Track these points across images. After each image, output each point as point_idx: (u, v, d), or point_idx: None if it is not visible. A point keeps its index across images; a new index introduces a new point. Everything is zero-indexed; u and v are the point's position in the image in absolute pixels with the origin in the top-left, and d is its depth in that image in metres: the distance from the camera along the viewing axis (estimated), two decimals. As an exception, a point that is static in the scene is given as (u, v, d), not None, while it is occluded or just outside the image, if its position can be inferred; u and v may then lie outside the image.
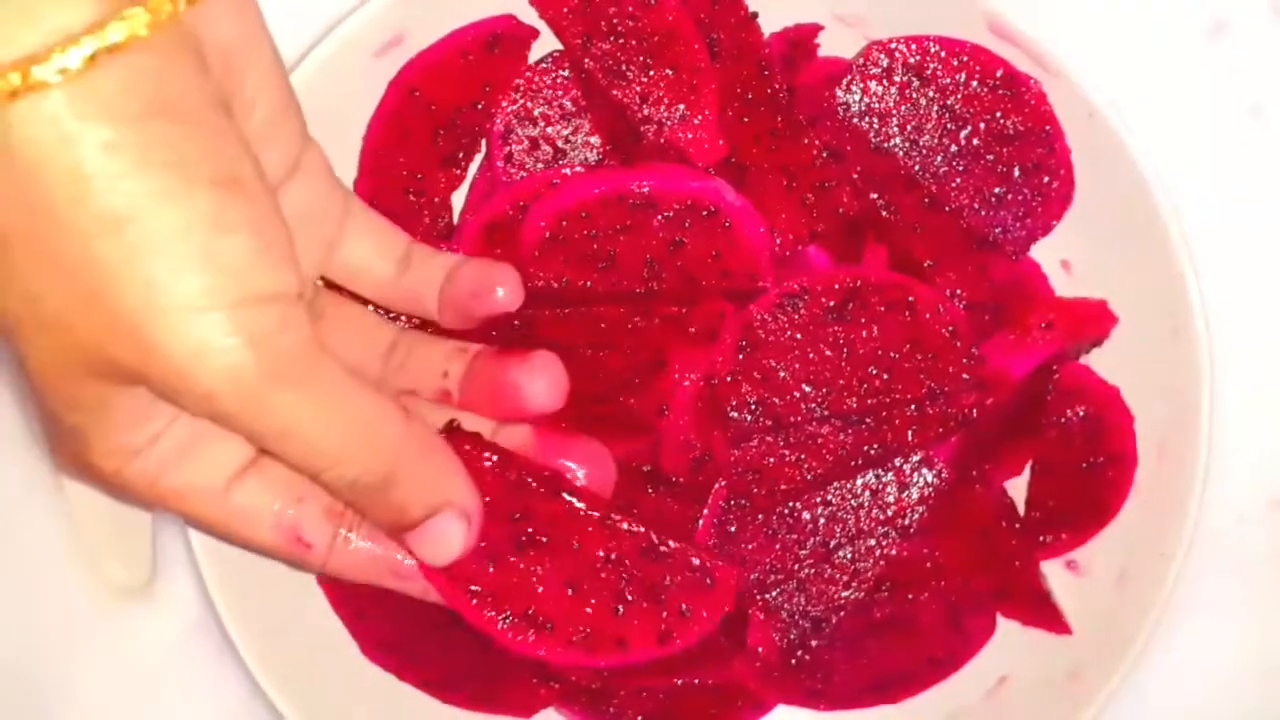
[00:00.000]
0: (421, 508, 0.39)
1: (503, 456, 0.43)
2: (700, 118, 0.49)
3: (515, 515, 0.43)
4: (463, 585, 0.43)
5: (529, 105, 0.51)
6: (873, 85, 0.51)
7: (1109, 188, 0.50)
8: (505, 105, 0.51)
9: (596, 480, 0.46)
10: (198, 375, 0.32)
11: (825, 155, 0.50)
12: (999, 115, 0.51)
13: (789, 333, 0.49)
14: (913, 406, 0.49)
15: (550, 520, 0.44)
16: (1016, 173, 0.51)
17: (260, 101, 0.37)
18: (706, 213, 0.48)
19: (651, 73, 0.49)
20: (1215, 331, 0.50)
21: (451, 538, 0.39)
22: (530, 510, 0.44)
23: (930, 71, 0.51)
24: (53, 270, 0.31)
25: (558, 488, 0.44)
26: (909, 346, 0.49)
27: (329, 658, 0.52)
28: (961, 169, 0.51)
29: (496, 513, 0.43)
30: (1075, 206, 0.51)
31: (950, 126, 0.51)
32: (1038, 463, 0.53)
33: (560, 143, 0.51)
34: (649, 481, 0.50)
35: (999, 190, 0.51)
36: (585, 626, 0.44)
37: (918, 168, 0.51)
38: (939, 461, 0.50)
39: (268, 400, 0.33)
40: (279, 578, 0.51)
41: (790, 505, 0.50)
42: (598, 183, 0.48)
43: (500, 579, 0.43)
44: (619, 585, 0.44)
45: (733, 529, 0.49)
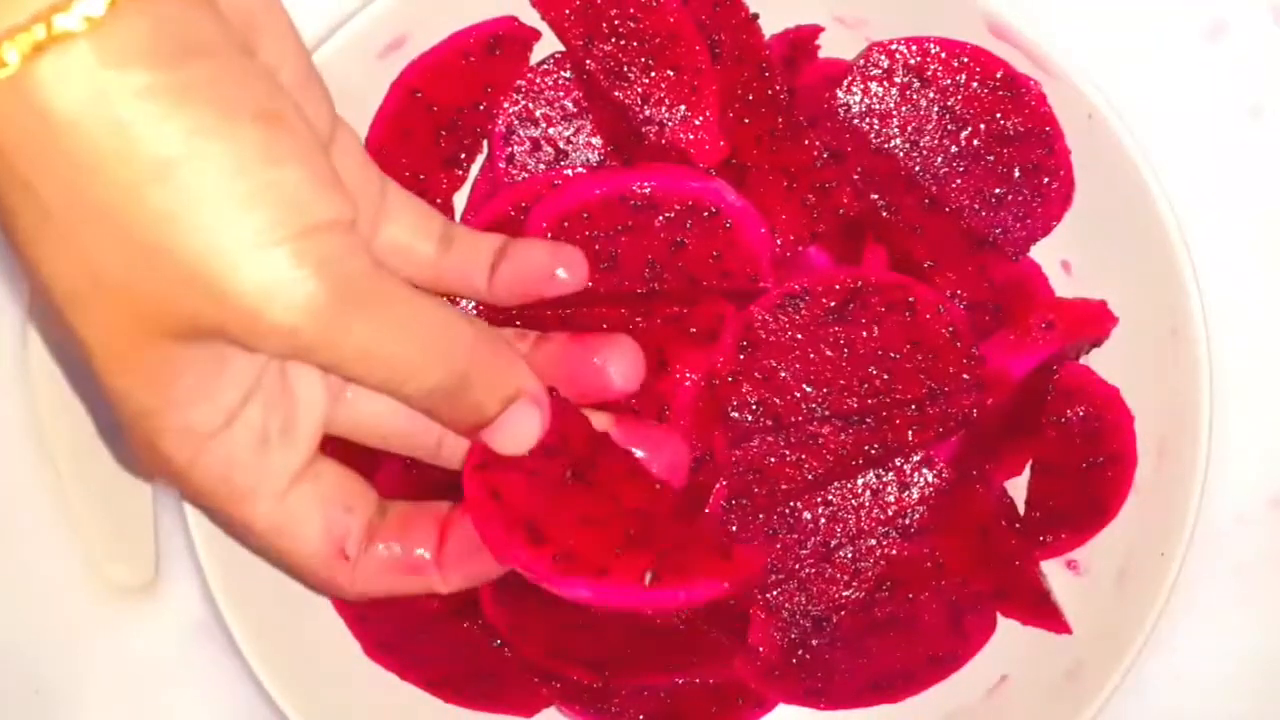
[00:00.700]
0: (498, 401, 0.39)
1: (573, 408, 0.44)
2: (701, 119, 0.49)
3: (573, 460, 0.43)
4: (489, 490, 0.42)
5: (531, 106, 0.51)
6: (873, 86, 0.51)
7: (1109, 189, 0.50)
8: (507, 106, 0.51)
9: (669, 466, 0.46)
10: (274, 311, 0.31)
11: (826, 156, 0.50)
12: (999, 116, 0.51)
13: (790, 333, 0.49)
14: (913, 406, 0.49)
15: (603, 470, 0.44)
16: (1016, 173, 0.51)
17: (283, 68, 0.37)
18: (707, 213, 0.48)
19: (653, 74, 0.49)
20: (1214, 331, 0.50)
21: (528, 424, 0.40)
22: (591, 460, 0.44)
23: (930, 73, 0.51)
24: (105, 230, 0.30)
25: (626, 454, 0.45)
26: (909, 347, 0.49)
27: (331, 657, 0.52)
28: (961, 170, 0.51)
29: (554, 450, 0.43)
30: (1075, 207, 0.52)
31: (950, 127, 0.51)
32: (1038, 462, 0.53)
33: (562, 143, 0.51)
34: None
35: (999, 191, 0.51)
36: (573, 548, 0.42)
37: (918, 168, 0.51)
38: (939, 461, 0.50)
39: (345, 325, 0.33)
40: (281, 578, 0.51)
41: (791, 505, 0.50)
42: (599, 183, 0.49)
43: (528, 497, 0.42)
44: (634, 532, 0.43)
45: (734, 529, 0.50)
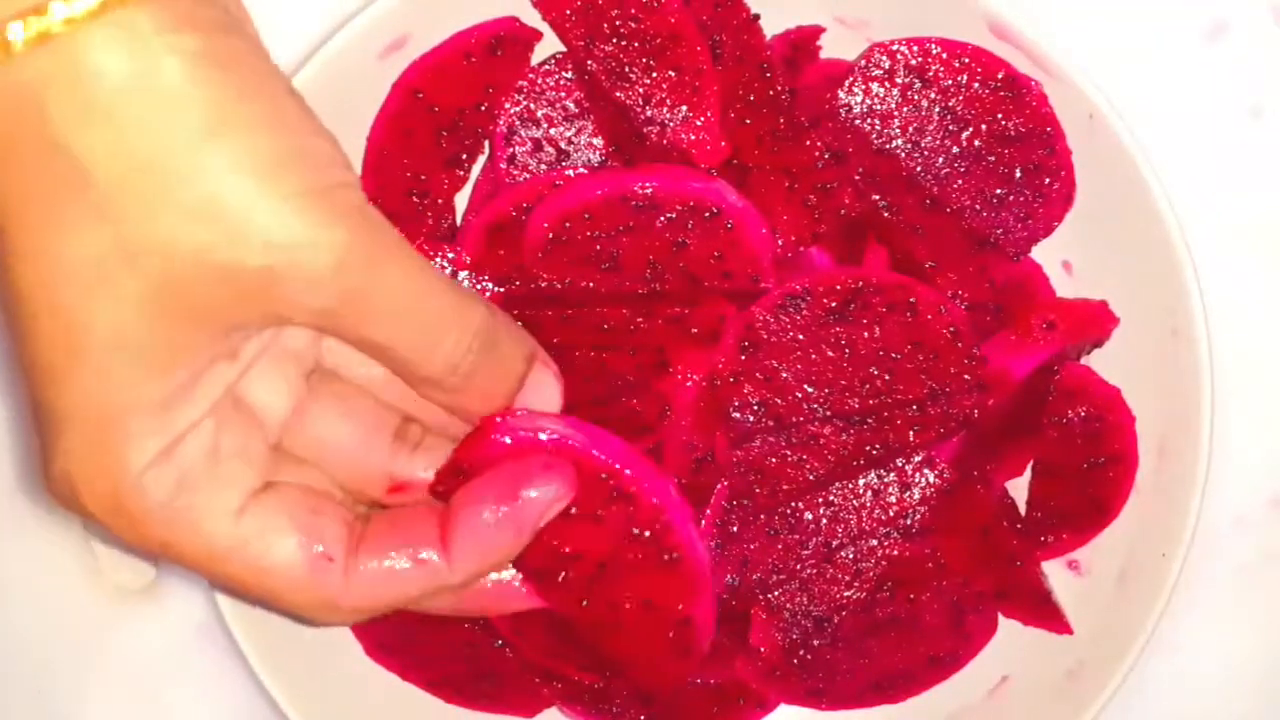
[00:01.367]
0: (521, 359, 0.40)
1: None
2: (703, 119, 0.49)
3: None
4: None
5: (532, 107, 0.51)
6: (874, 87, 0.51)
7: (1110, 189, 0.51)
8: (508, 107, 0.51)
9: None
10: (319, 253, 0.33)
11: (827, 157, 0.50)
12: (1000, 117, 0.51)
13: (791, 333, 0.49)
14: (914, 407, 0.49)
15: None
16: (1017, 174, 0.51)
17: None
18: (709, 214, 0.48)
19: (654, 74, 0.49)
20: (1215, 332, 0.50)
21: (551, 384, 0.41)
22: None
23: (931, 73, 0.51)
24: (153, 191, 0.31)
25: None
26: (910, 347, 0.49)
27: (332, 658, 0.52)
28: (963, 170, 0.51)
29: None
30: (1076, 208, 0.52)
31: (951, 128, 0.51)
32: (1039, 463, 0.53)
33: (563, 144, 0.51)
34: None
35: (1000, 191, 0.51)
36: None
37: (919, 169, 0.51)
38: (940, 462, 0.50)
39: (378, 270, 0.34)
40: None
41: (792, 505, 0.50)
42: (600, 184, 0.49)
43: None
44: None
45: (735, 529, 0.50)
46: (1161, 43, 0.55)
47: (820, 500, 0.50)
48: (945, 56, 0.51)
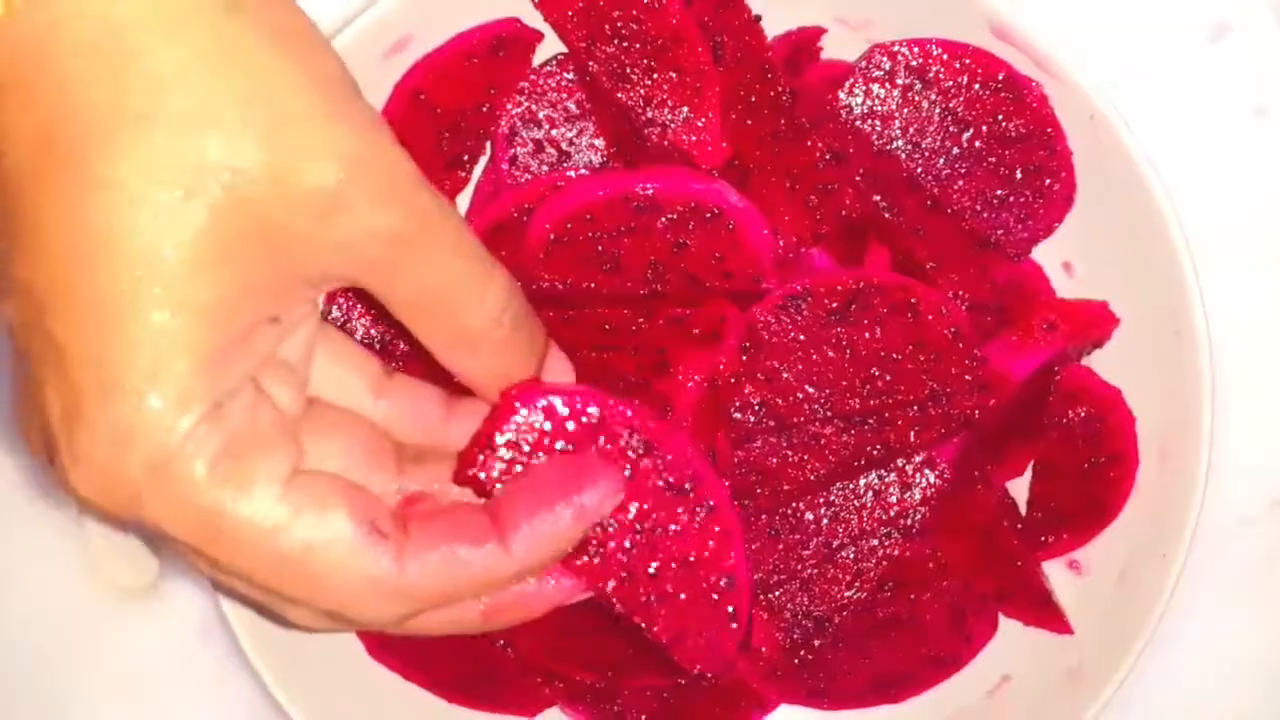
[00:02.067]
0: (542, 333, 0.40)
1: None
2: (704, 120, 0.49)
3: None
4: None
5: (533, 108, 0.51)
6: (875, 88, 0.51)
7: (1110, 190, 0.51)
8: (510, 108, 0.51)
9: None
10: (387, 165, 0.34)
11: (828, 157, 0.50)
12: (1001, 117, 0.51)
13: (792, 334, 0.49)
14: (915, 407, 0.49)
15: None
16: (1018, 175, 0.51)
17: None
18: (710, 215, 0.48)
19: (655, 75, 0.49)
20: (1216, 332, 0.50)
21: (567, 365, 0.42)
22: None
23: (932, 74, 0.51)
24: (227, 106, 0.32)
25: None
26: (911, 348, 0.49)
27: (335, 658, 0.52)
28: (963, 171, 0.51)
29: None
30: (1077, 208, 0.52)
31: (952, 129, 0.51)
32: (1039, 463, 0.53)
33: (564, 145, 0.52)
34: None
35: (1001, 192, 0.51)
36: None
37: (920, 170, 0.51)
38: (941, 462, 0.50)
39: (437, 198, 0.35)
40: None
41: (793, 505, 0.50)
42: (602, 185, 0.49)
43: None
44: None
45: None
46: (1163, 43, 0.55)
47: (821, 501, 0.50)
48: (946, 57, 0.51)
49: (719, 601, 0.43)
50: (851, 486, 0.50)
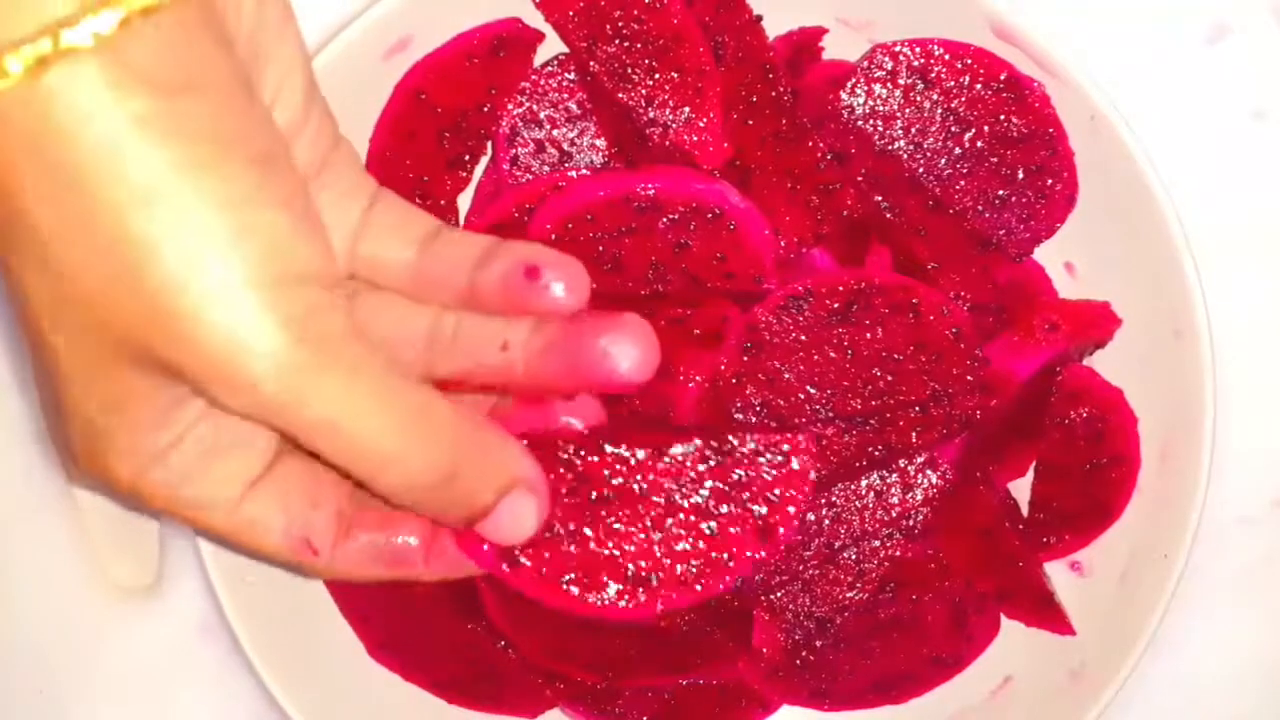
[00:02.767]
0: (491, 492, 0.37)
1: (530, 439, 0.40)
2: (705, 120, 0.49)
3: (571, 486, 0.40)
4: (555, 581, 0.40)
5: (534, 108, 0.51)
6: (877, 88, 0.51)
7: (1112, 190, 0.51)
8: (511, 108, 0.51)
9: (589, 419, 0.42)
10: (236, 360, 0.30)
11: (829, 158, 0.50)
12: (1002, 118, 0.51)
13: (793, 334, 0.49)
14: (917, 408, 0.49)
15: (604, 476, 0.40)
16: (1020, 175, 0.51)
17: (285, 94, 0.36)
18: (711, 215, 0.48)
19: (657, 76, 0.49)
20: (1218, 333, 0.50)
21: (525, 515, 0.38)
22: (585, 475, 0.40)
23: (934, 74, 0.51)
24: (84, 247, 0.29)
25: (596, 443, 0.41)
26: (913, 348, 0.49)
27: (335, 659, 0.52)
28: (965, 171, 0.51)
29: (554, 494, 0.40)
30: (1078, 209, 0.52)
31: (954, 129, 0.51)
32: (1041, 464, 0.53)
33: (566, 145, 0.52)
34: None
35: (1002, 193, 0.51)
36: (689, 561, 0.40)
37: (921, 170, 0.51)
38: (943, 463, 0.50)
39: (312, 388, 0.31)
40: (286, 579, 0.52)
41: (795, 506, 0.50)
42: (603, 185, 0.49)
43: (585, 557, 0.40)
44: (701, 507, 0.40)
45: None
46: (1163, 44, 0.55)
47: (823, 501, 0.50)
48: (948, 58, 0.51)
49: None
50: (853, 487, 0.50)
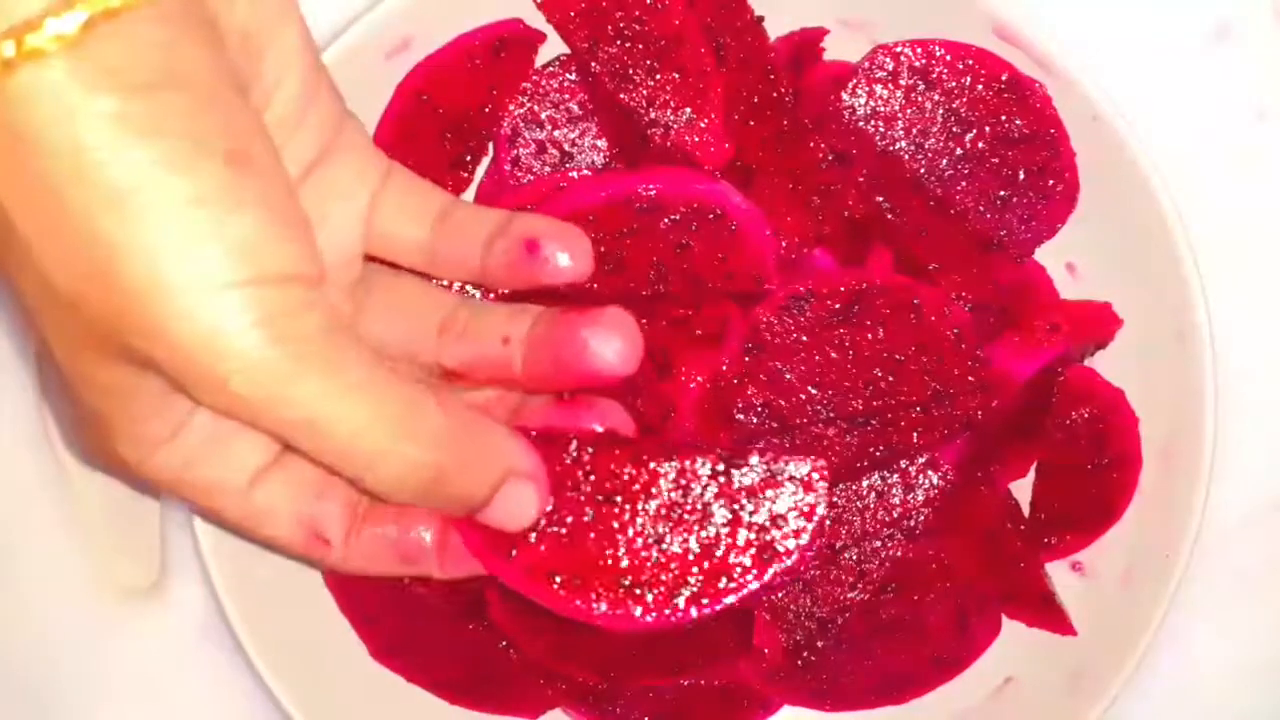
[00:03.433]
0: (486, 487, 0.37)
1: (541, 432, 0.41)
2: (706, 121, 0.49)
3: (576, 482, 0.40)
4: (546, 577, 0.40)
5: (536, 109, 0.51)
6: (878, 89, 0.51)
7: (1113, 191, 0.51)
8: (512, 109, 0.51)
9: (619, 427, 0.43)
10: (210, 359, 0.30)
11: (831, 158, 0.50)
12: (1004, 119, 0.51)
13: (795, 335, 0.49)
14: (918, 409, 0.49)
15: (612, 478, 0.40)
16: (1021, 176, 0.51)
17: (285, 82, 0.36)
18: (712, 216, 0.48)
19: (658, 76, 0.49)
20: (1219, 334, 0.50)
21: (525, 504, 0.38)
22: (592, 474, 0.40)
23: (935, 75, 0.51)
24: (60, 248, 0.29)
25: (609, 445, 0.41)
26: (914, 349, 0.49)
27: (337, 659, 0.52)
28: (966, 172, 0.51)
29: (562, 497, 0.40)
30: (1080, 209, 0.52)
31: (955, 130, 0.51)
32: (1043, 464, 0.53)
33: (567, 146, 0.52)
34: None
35: (1004, 193, 0.51)
36: (685, 578, 0.40)
37: (923, 171, 0.51)
38: (944, 463, 0.50)
39: (288, 389, 0.31)
40: (288, 580, 0.52)
41: (796, 507, 0.50)
42: (604, 186, 0.49)
43: (581, 556, 0.40)
44: (705, 520, 0.40)
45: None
46: (1165, 45, 0.55)
47: (824, 502, 0.50)
48: (949, 58, 0.51)
49: None
50: (854, 487, 0.50)
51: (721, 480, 0.40)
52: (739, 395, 0.49)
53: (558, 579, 0.40)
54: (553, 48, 0.51)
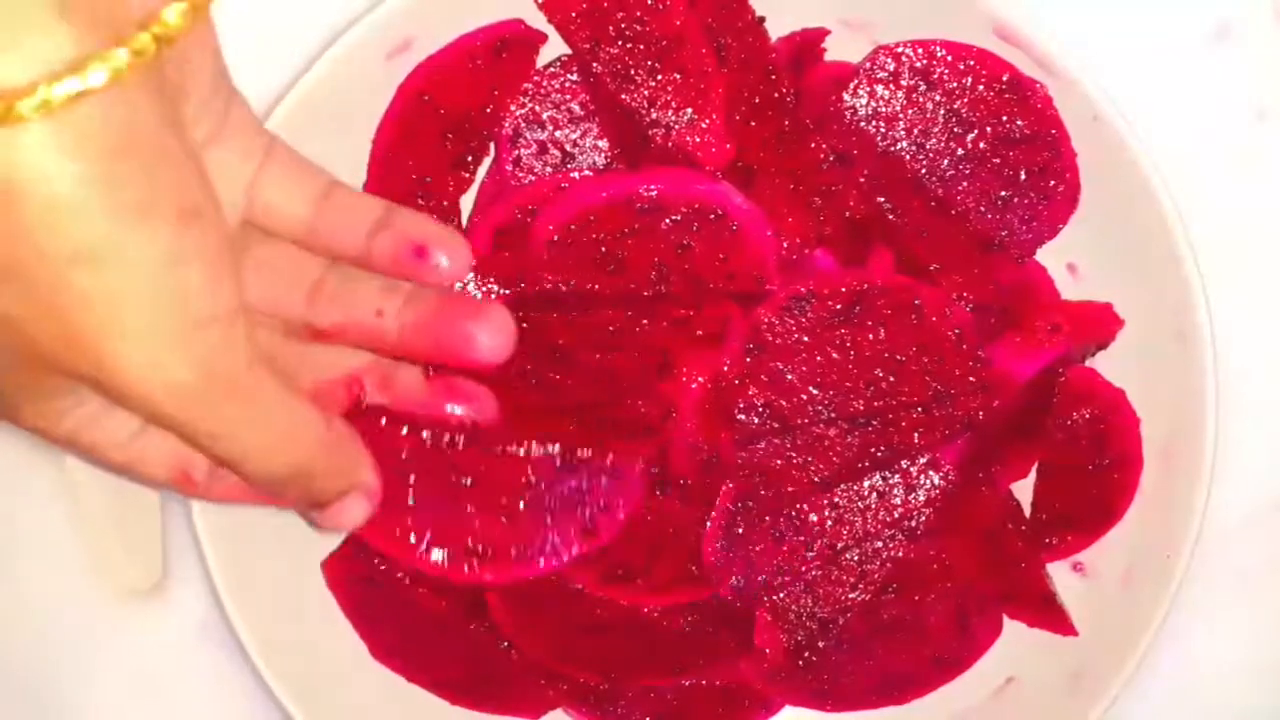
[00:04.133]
0: (333, 493, 0.42)
1: (413, 422, 0.46)
2: (708, 121, 0.49)
3: (441, 468, 0.46)
4: (401, 538, 0.46)
5: (537, 109, 0.51)
6: (879, 89, 0.51)
7: (1114, 191, 0.51)
8: (514, 109, 0.51)
9: (483, 417, 0.47)
10: (145, 391, 0.35)
11: (832, 159, 0.50)
12: (1005, 119, 0.51)
13: (796, 335, 0.49)
14: (919, 409, 0.49)
15: (472, 465, 0.46)
16: (1022, 176, 0.51)
17: (196, 87, 0.38)
18: (714, 216, 0.48)
19: (659, 77, 0.49)
20: (1220, 334, 0.50)
21: (356, 515, 0.43)
22: (453, 461, 0.46)
23: (936, 75, 0.51)
24: (18, 285, 0.32)
25: (473, 436, 0.46)
26: (915, 349, 0.49)
27: (337, 659, 0.52)
28: (967, 172, 0.51)
29: (422, 469, 0.46)
30: (1081, 210, 0.52)
31: (956, 130, 0.51)
32: (1044, 465, 0.53)
33: (568, 146, 0.52)
34: (657, 484, 0.50)
35: (1005, 194, 0.51)
36: (520, 543, 0.46)
37: (924, 171, 0.51)
38: (945, 464, 0.50)
39: (206, 412, 0.36)
40: (289, 580, 0.52)
41: (797, 507, 0.50)
42: (605, 186, 0.49)
43: (440, 526, 0.46)
44: (545, 501, 0.46)
45: (740, 531, 0.50)
46: (1166, 45, 0.55)
47: (825, 502, 0.50)
48: (950, 59, 0.51)
49: None
50: (855, 488, 0.50)
51: (558, 467, 0.47)
52: (740, 396, 0.49)
53: (413, 539, 0.46)
54: (554, 48, 0.51)
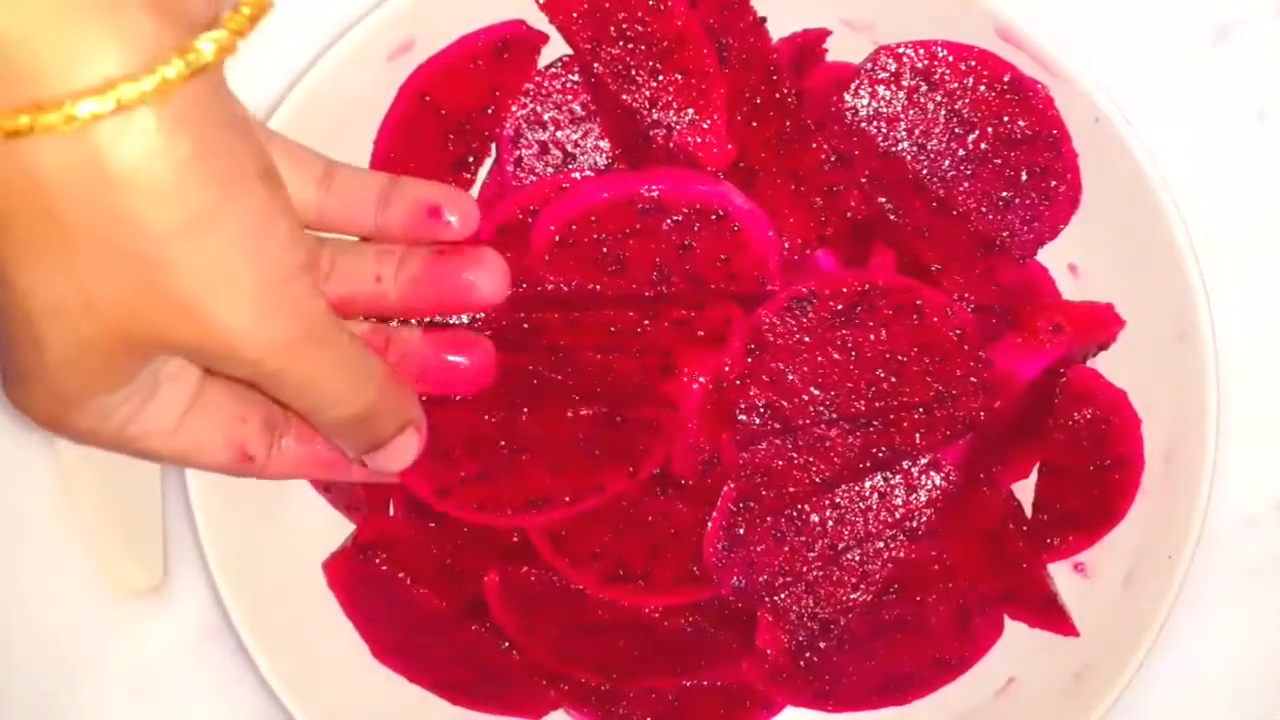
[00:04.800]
0: (394, 429, 0.44)
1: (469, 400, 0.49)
2: (709, 122, 0.49)
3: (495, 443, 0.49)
4: (474, 507, 0.49)
5: (538, 109, 0.51)
6: (880, 90, 0.51)
7: (1116, 191, 0.51)
8: (515, 109, 0.51)
9: (479, 366, 0.49)
10: (251, 346, 0.36)
11: (833, 159, 0.50)
12: (1006, 119, 0.51)
13: (797, 336, 0.49)
14: (920, 409, 0.49)
15: (510, 420, 0.49)
16: (1024, 176, 0.51)
17: None
18: (715, 216, 0.48)
19: (661, 77, 0.49)
20: (1221, 334, 0.50)
21: (410, 451, 0.45)
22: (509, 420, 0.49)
23: (938, 76, 0.51)
24: (125, 266, 0.34)
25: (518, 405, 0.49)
26: (917, 350, 0.49)
27: (339, 659, 0.52)
28: (969, 173, 0.51)
29: (458, 423, 0.49)
30: (1082, 210, 0.52)
31: (958, 131, 0.51)
32: (1045, 465, 0.53)
33: (570, 147, 0.52)
34: (658, 484, 0.50)
35: (1006, 194, 0.51)
36: (571, 489, 0.49)
37: (925, 172, 0.51)
38: (947, 464, 0.50)
39: (301, 359, 0.38)
40: (290, 580, 0.52)
41: (798, 508, 0.50)
42: (607, 187, 0.49)
43: (497, 492, 0.49)
44: (593, 450, 0.49)
45: (741, 531, 0.50)
46: (1167, 45, 0.55)
47: (826, 503, 0.50)
48: (951, 59, 0.51)
49: None
50: (857, 489, 0.50)
51: (607, 424, 0.49)
52: (741, 396, 0.49)
53: (477, 505, 0.49)
54: (555, 49, 0.51)
